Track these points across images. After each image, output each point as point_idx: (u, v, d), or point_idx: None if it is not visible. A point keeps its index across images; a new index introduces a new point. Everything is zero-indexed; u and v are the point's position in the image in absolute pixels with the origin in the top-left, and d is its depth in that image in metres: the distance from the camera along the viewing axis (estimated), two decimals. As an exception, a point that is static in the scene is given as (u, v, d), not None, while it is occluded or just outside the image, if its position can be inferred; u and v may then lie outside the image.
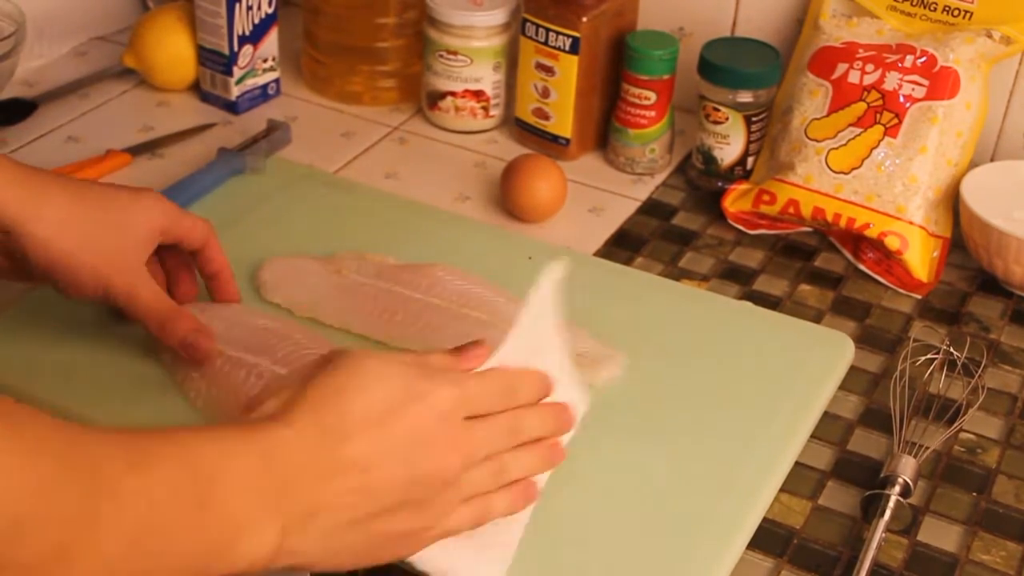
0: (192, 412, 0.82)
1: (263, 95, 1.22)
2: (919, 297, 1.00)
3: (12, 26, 1.14)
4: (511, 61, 1.17)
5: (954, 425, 0.85)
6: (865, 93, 1.03)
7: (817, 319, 0.96)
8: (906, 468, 0.79)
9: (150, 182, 1.05)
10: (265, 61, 1.21)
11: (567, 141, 1.14)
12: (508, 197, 1.05)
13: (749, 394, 0.85)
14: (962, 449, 0.85)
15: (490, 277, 0.93)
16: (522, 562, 0.70)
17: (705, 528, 0.75)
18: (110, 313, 0.88)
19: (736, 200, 1.07)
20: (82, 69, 1.26)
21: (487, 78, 1.16)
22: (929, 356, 0.90)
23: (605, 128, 1.15)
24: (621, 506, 0.76)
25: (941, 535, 0.78)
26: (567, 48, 1.09)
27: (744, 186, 1.07)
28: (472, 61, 1.15)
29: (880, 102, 1.02)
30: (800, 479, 0.81)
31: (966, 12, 1.04)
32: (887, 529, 0.77)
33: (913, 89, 1.01)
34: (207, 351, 0.82)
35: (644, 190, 1.12)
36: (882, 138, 1.01)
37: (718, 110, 1.07)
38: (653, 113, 1.10)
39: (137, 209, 0.82)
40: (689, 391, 0.85)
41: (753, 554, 0.76)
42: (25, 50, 1.16)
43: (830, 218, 1.02)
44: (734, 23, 1.18)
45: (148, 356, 0.86)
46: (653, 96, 1.10)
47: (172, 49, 1.21)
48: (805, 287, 1.00)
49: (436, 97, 1.18)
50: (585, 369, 0.86)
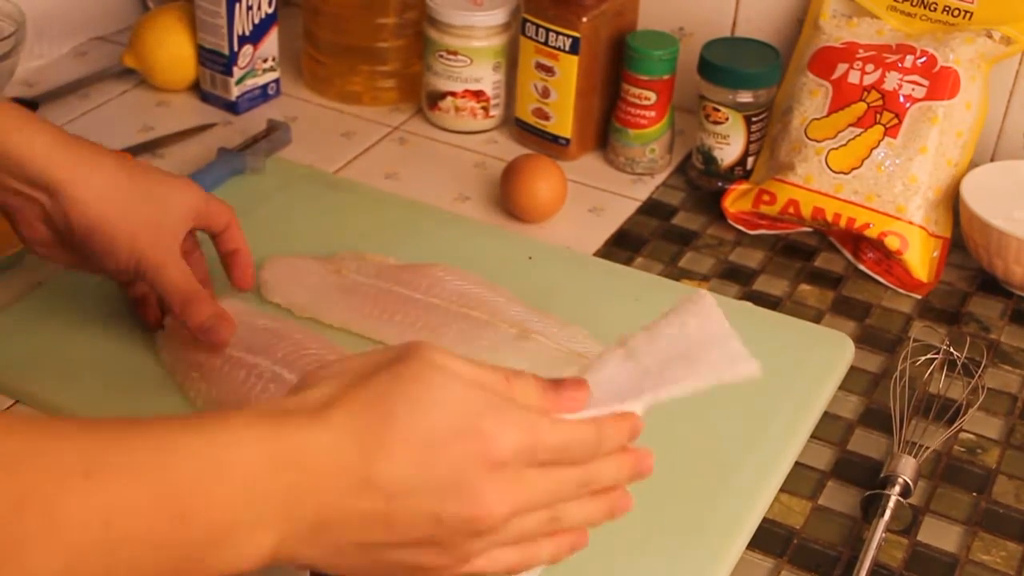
0: (192, 412, 0.82)
1: (263, 95, 1.22)
2: (919, 297, 1.00)
3: (12, 26, 1.14)
4: (511, 61, 1.17)
5: (954, 425, 0.85)
6: (865, 93, 1.03)
7: (817, 319, 0.96)
8: (906, 468, 0.79)
9: (150, 182, 1.05)
10: (265, 61, 1.21)
11: (567, 141, 1.14)
12: (508, 197, 1.05)
13: (749, 394, 0.85)
14: (962, 449, 0.85)
15: (490, 277, 0.93)
16: (522, 562, 0.70)
17: (705, 528, 0.75)
18: (124, 301, 0.89)
19: (736, 200, 1.07)
20: (82, 69, 1.26)
21: (487, 78, 1.16)
22: (929, 356, 0.90)
23: (605, 128, 1.15)
24: (621, 506, 0.76)
25: (941, 535, 0.78)
26: (567, 48, 1.09)
27: (744, 186, 1.07)
28: (472, 61, 1.15)
29: (880, 102, 1.02)
30: (800, 479, 0.81)
31: (966, 12, 1.04)
32: (887, 529, 0.77)
33: (913, 89, 1.01)
34: (224, 340, 0.83)
35: (644, 190, 1.12)
36: (882, 138, 1.01)
37: (718, 110, 1.07)
38: (653, 113, 1.10)
39: (176, 189, 0.83)
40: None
41: (753, 554, 0.76)
42: (25, 50, 1.16)
43: (830, 218, 1.02)
44: (734, 23, 1.18)
45: (148, 356, 0.86)
46: (653, 96, 1.10)
47: (172, 49, 1.21)
48: (805, 287, 1.00)
49: (436, 97, 1.18)
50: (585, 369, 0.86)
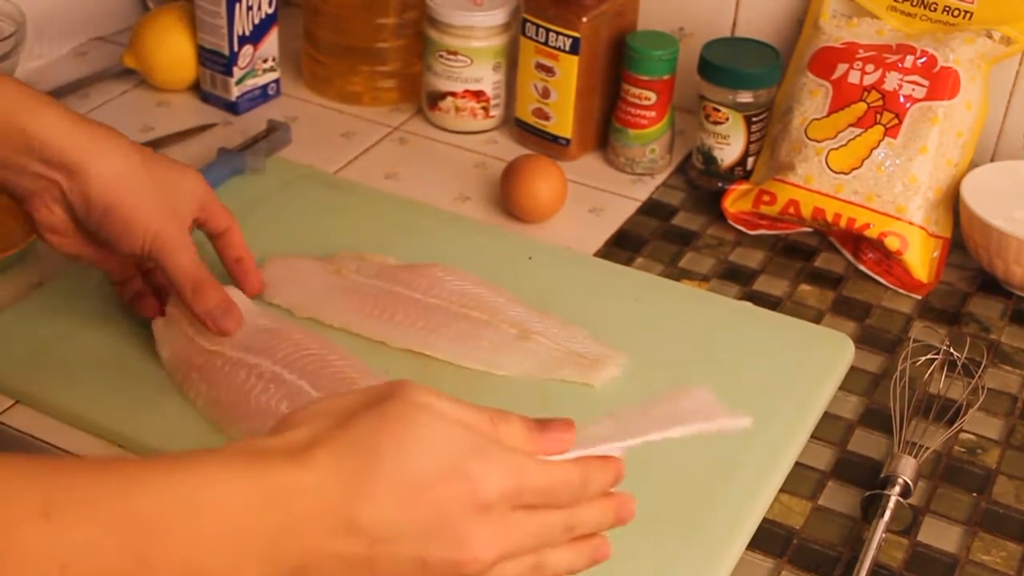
0: (192, 412, 0.82)
1: (263, 95, 1.22)
2: (919, 297, 1.00)
3: (12, 26, 1.14)
4: (511, 61, 1.17)
5: (954, 425, 0.85)
6: (865, 93, 1.03)
7: (817, 319, 0.96)
8: (906, 468, 0.79)
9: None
10: (265, 61, 1.21)
11: (567, 141, 1.14)
12: (508, 197, 1.05)
13: (749, 394, 0.85)
14: (962, 449, 0.85)
15: (490, 277, 0.93)
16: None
17: (705, 528, 0.75)
18: (120, 303, 0.89)
19: (736, 200, 1.07)
20: (82, 69, 1.26)
21: (487, 78, 1.16)
22: (929, 356, 0.90)
23: (605, 128, 1.15)
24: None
25: (941, 535, 0.78)
26: (567, 48, 1.09)
27: (744, 186, 1.07)
28: (472, 61, 1.15)
29: (880, 102, 1.02)
30: (800, 479, 0.81)
31: (966, 12, 1.04)
32: (887, 529, 0.77)
33: (913, 89, 1.01)
34: (230, 330, 0.83)
35: (644, 190, 1.12)
36: (882, 138, 1.01)
37: (718, 110, 1.07)
38: (653, 113, 1.10)
39: (186, 177, 0.84)
40: (689, 391, 0.85)
41: (753, 554, 0.76)
42: (25, 50, 1.16)
43: (830, 218, 1.02)
44: (734, 23, 1.18)
45: (148, 356, 0.86)
46: (653, 96, 1.10)
47: (172, 49, 1.21)
48: (805, 287, 1.00)
49: (436, 97, 1.18)
50: (585, 369, 0.86)
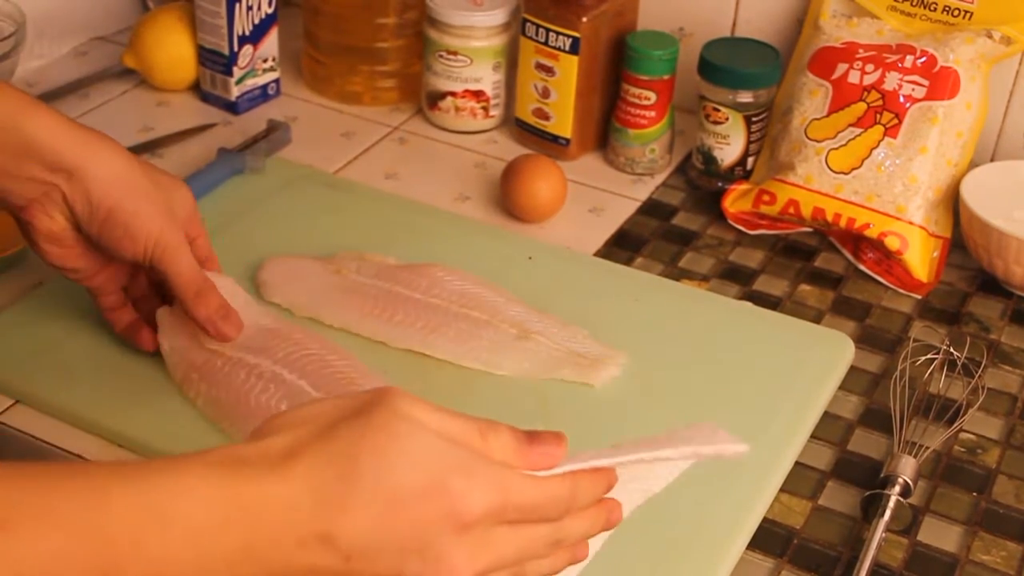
0: (192, 412, 0.82)
1: (263, 95, 1.22)
2: (919, 297, 1.00)
3: (12, 26, 1.13)
4: (511, 61, 1.17)
5: (954, 425, 0.85)
6: (865, 93, 1.03)
7: (817, 319, 0.96)
8: (906, 468, 0.79)
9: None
10: (265, 61, 1.21)
11: (567, 141, 1.14)
12: (508, 197, 1.05)
13: (749, 394, 0.85)
14: (962, 449, 0.85)
15: (490, 277, 0.94)
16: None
17: (705, 528, 0.75)
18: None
19: (736, 200, 1.07)
20: (82, 69, 1.26)
21: (487, 78, 1.16)
22: (929, 356, 0.90)
23: (605, 128, 1.15)
24: (621, 506, 0.76)
25: (941, 535, 0.78)
26: (567, 48, 1.09)
27: (744, 186, 1.07)
28: (472, 61, 1.15)
29: (880, 102, 1.02)
30: (800, 479, 0.81)
31: (966, 12, 1.04)
32: (887, 529, 0.77)
33: (913, 89, 1.01)
34: (230, 336, 0.83)
35: (644, 190, 1.12)
36: (882, 138, 1.01)
37: (718, 110, 1.07)
38: (653, 113, 1.10)
39: (177, 185, 0.84)
40: (689, 391, 0.85)
41: (753, 554, 0.76)
42: (25, 50, 1.16)
43: (830, 218, 1.02)
44: (734, 23, 1.18)
45: (148, 356, 0.86)
46: (653, 96, 1.10)
47: (172, 49, 1.21)
48: (805, 287, 1.00)
49: (436, 97, 1.18)
50: (585, 369, 0.86)
